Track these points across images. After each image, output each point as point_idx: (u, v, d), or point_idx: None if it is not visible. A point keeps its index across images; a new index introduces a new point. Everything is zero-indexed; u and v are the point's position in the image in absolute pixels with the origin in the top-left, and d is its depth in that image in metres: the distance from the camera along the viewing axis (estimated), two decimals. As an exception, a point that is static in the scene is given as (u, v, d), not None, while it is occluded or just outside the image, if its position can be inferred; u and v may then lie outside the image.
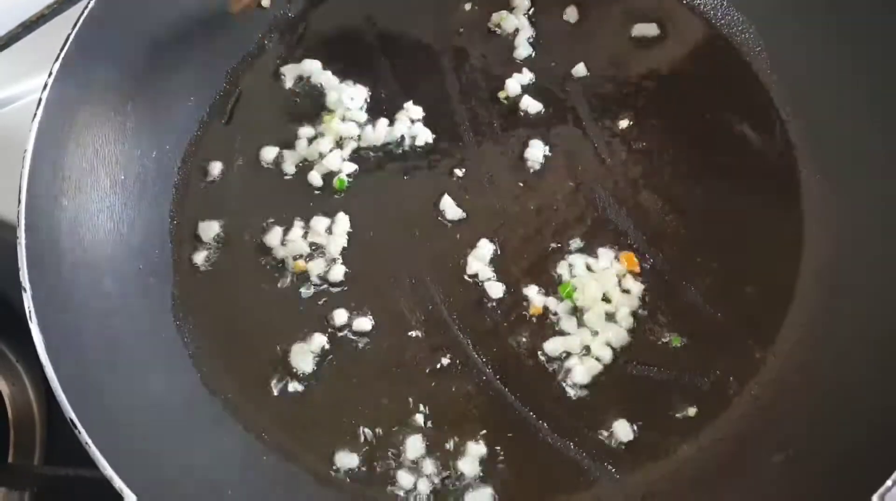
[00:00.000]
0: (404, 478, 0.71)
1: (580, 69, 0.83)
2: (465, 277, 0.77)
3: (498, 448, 0.71)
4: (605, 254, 0.77)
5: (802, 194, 0.78)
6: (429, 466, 0.71)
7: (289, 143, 0.83)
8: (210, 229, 0.80)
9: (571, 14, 0.86)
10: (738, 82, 0.83)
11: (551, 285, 0.76)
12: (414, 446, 0.71)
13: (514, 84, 0.83)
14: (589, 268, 0.76)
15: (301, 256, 0.78)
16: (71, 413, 0.63)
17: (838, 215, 0.76)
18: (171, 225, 0.80)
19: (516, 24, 0.85)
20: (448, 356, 0.74)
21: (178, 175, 0.82)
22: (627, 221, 0.78)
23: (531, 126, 0.82)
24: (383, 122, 0.82)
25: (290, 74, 0.85)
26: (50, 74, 0.72)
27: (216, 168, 0.82)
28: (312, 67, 0.85)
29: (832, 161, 0.78)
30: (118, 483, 0.61)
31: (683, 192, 0.79)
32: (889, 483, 0.59)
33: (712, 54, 0.84)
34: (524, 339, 0.74)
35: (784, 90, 0.81)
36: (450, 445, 0.72)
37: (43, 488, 0.78)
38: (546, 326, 0.75)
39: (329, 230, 0.79)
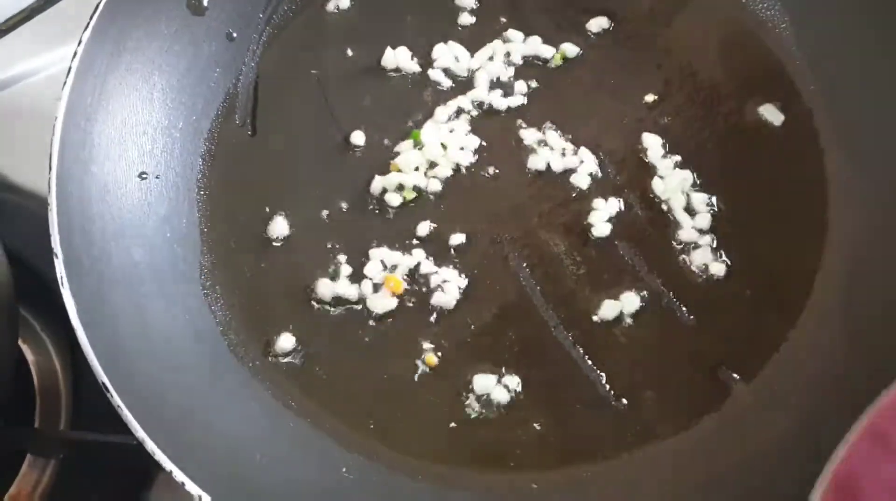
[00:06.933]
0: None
1: (602, 22, 0.85)
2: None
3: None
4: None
5: (826, 172, 0.78)
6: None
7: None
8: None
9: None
10: (762, 58, 0.82)
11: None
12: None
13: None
14: None
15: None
16: (103, 377, 0.64)
17: (863, 195, 0.76)
18: (198, 195, 0.80)
19: None
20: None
21: (204, 146, 0.82)
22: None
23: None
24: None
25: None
26: (80, 42, 0.73)
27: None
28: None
29: (857, 140, 0.77)
30: (150, 446, 0.62)
31: (705, 168, 0.79)
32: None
33: (736, 29, 0.84)
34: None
35: (808, 66, 0.81)
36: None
37: (69, 454, 0.78)
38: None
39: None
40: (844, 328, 0.72)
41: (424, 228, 0.78)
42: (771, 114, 0.80)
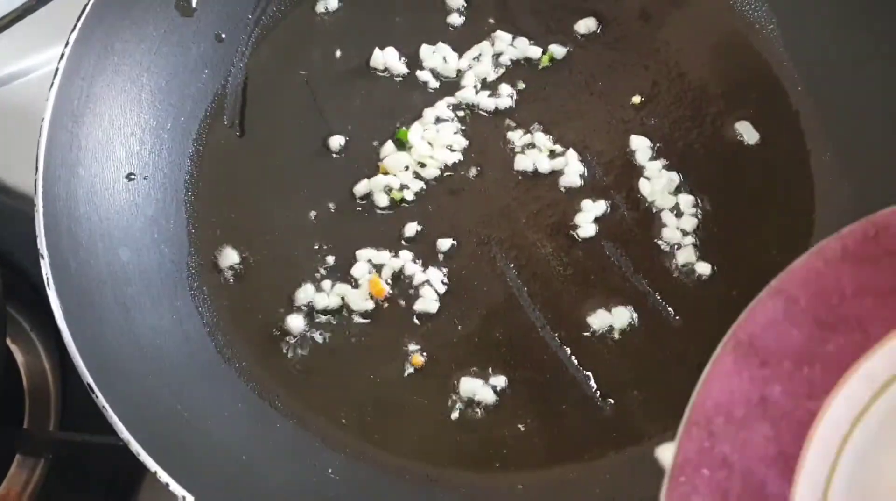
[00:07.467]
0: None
1: (590, 23, 0.84)
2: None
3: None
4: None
5: (812, 173, 0.78)
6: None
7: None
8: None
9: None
10: (749, 60, 0.82)
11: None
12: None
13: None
14: None
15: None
16: (89, 379, 0.64)
17: (848, 196, 0.76)
18: (185, 196, 0.80)
19: None
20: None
21: (192, 147, 0.82)
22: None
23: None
24: None
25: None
26: (67, 44, 0.73)
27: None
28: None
29: (843, 141, 0.78)
30: (135, 447, 0.62)
31: (692, 169, 0.79)
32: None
33: (723, 31, 0.84)
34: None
35: (795, 67, 0.81)
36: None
37: (58, 455, 0.79)
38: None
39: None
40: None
41: (412, 229, 0.78)
42: (747, 131, 0.80)
